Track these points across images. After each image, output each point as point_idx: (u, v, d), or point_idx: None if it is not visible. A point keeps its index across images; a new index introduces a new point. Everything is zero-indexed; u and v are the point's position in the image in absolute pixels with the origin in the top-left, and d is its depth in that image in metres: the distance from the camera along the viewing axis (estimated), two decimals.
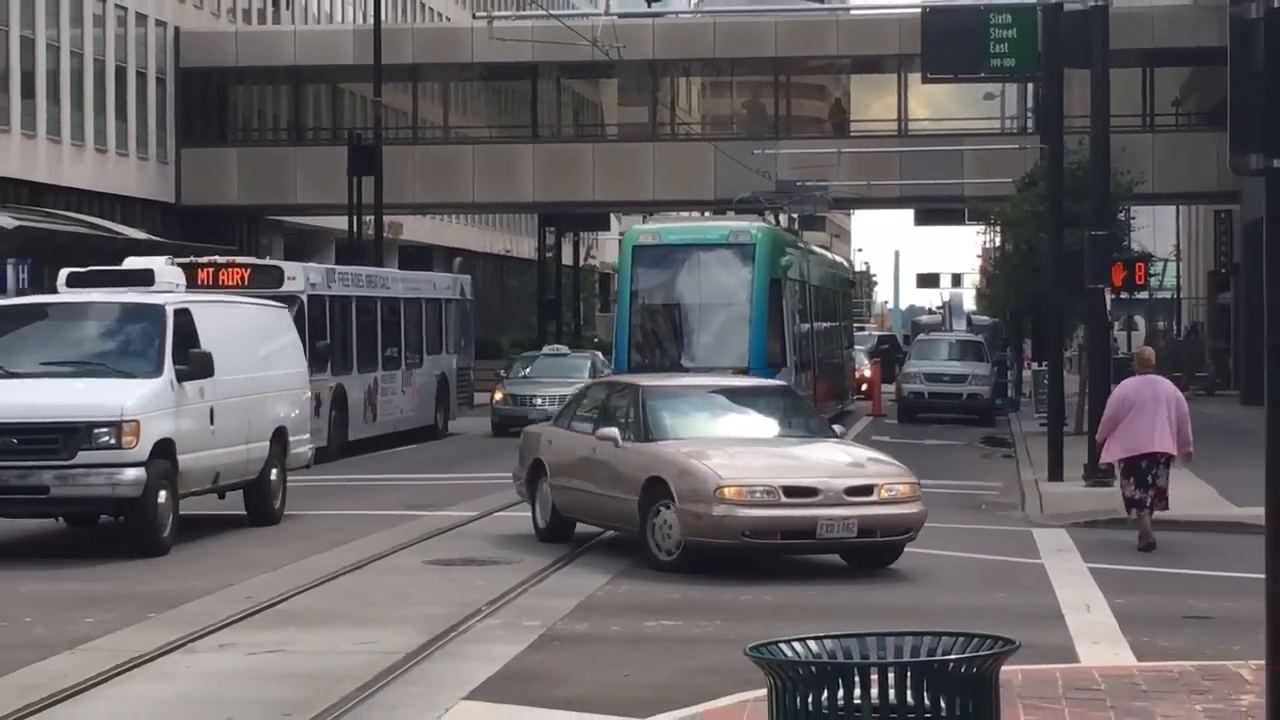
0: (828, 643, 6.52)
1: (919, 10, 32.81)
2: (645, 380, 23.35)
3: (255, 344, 25.64)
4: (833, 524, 18.57)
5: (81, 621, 16.44)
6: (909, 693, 6.19)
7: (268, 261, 37.88)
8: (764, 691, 6.72)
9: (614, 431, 20.32)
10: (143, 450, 20.74)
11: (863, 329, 78.11)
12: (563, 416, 23.50)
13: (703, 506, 18.55)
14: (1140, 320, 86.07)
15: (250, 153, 63.37)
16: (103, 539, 22.82)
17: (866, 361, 62.57)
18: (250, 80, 64.29)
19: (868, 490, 18.93)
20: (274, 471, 24.65)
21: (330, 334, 35.15)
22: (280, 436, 25.15)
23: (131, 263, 26.27)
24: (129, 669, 14.09)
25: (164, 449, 21.30)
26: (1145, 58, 56.34)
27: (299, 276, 35.08)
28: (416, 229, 74.51)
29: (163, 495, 21.10)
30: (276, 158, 63.05)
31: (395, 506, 27.10)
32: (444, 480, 31.91)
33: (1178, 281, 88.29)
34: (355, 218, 53.06)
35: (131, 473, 20.54)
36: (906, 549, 19.57)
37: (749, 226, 37.43)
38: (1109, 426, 22.33)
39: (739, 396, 23.00)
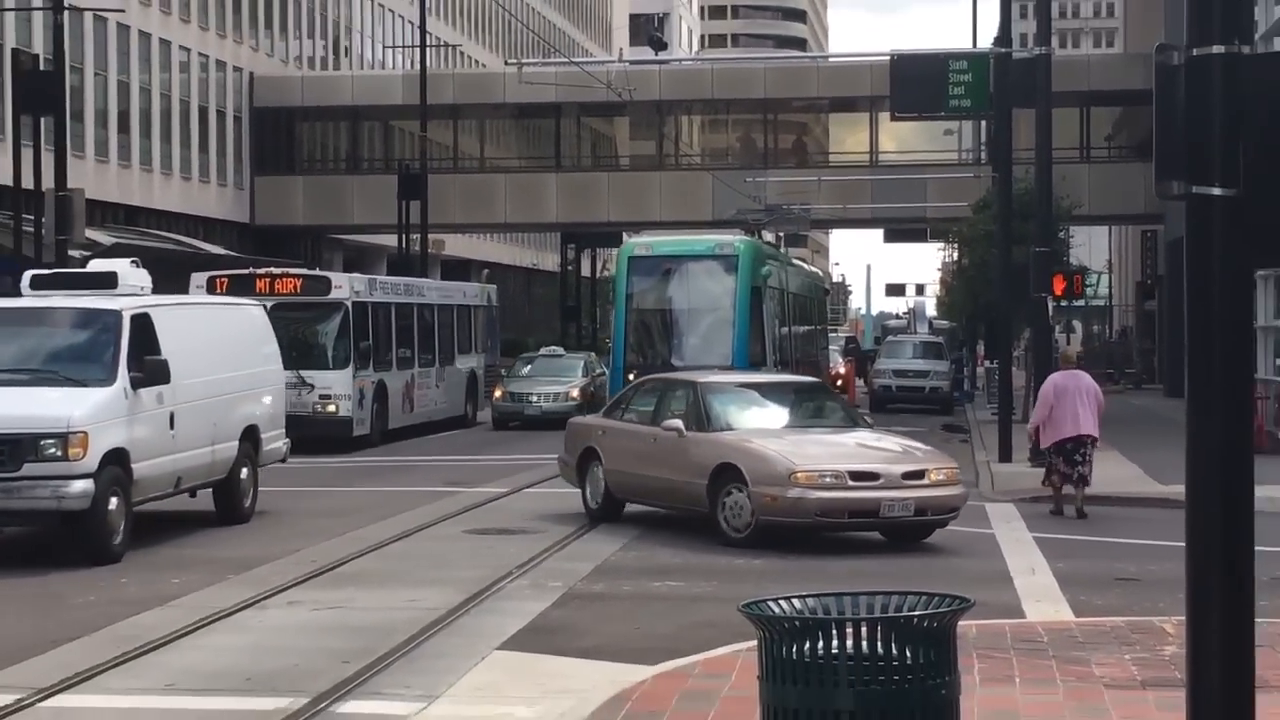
0: (809, 600, 6.54)
1: (888, 57, 32.65)
2: (701, 378, 22.47)
3: (224, 345, 22.49)
4: (894, 504, 18.30)
5: (170, 582, 16.50)
6: (879, 644, 6.23)
7: (317, 272, 37.40)
8: (755, 642, 6.74)
9: (678, 423, 19.73)
10: (91, 461, 17.85)
11: (834, 332, 76.41)
12: (614, 410, 22.85)
13: (777, 489, 18.19)
14: (1078, 324, 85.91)
15: (314, 180, 63.31)
16: (188, 510, 22.75)
17: (841, 360, 62.42)
18: (314, 118, 64.23)
19: (921, 474, 18.63)
20: (244, 470, 21.94)
21: (372, 335, 34.73)
22: (251, 434, 22.43)
23: (95, 265, 23.15)
24: (210, 623, 14.16)
25: (116, 458, 18.45)
26: (1082, 99, 56.14)
27: (345, 285, 34.56)
28: (456, 245, 74.40)
29: (114, 503, 18.22)
30: (337, 184, 63.02)
31: (434, 484, 26.98)
32: (476, 461, 31.82)
33: (1110, 291, 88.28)
34: (404, 236, 53.02)
35: (79, 485, 17.65)
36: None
37: (733, 239, 34.70)
38: (1043, 414, 22.56)
39: (783, 391, 22.52)
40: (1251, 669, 6.24)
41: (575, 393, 38.13)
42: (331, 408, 32.47)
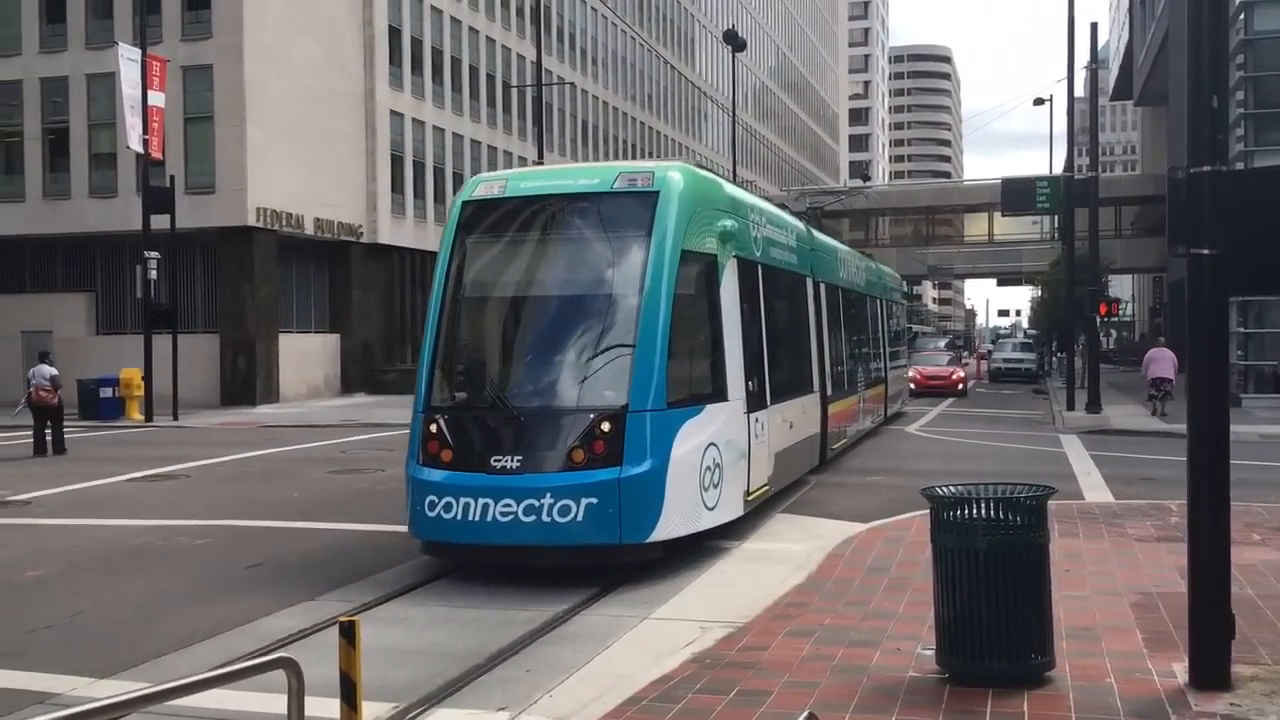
0: (959, 488, 6.37)
1: (999, 180, 31.58)
2: None
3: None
4: None
5: None
6: (1002, 512, 6.04)
7: None
8: (927, 511, 6.62)
9: None
10: None
11: (914, 334, 51.38)
12: None
13: None
14: (1113, 332, 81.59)
15: None
16: None
17: (945, 360, 47.23)
18: None
19: None
20: None
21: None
22: None
23: None
24: None
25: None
26: (1115, 201, 53.50)
27: None
28: None
29: None
30: None
31: None
32: None
33: (1133, 313, 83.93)
34: None
35: None
36: (999, 445, 18.70)
37: (653, 166, 9.16)
38: (1146, 365, 26.00)
39: None
40: (1227, 532, 5.89)
41: None
42: None
